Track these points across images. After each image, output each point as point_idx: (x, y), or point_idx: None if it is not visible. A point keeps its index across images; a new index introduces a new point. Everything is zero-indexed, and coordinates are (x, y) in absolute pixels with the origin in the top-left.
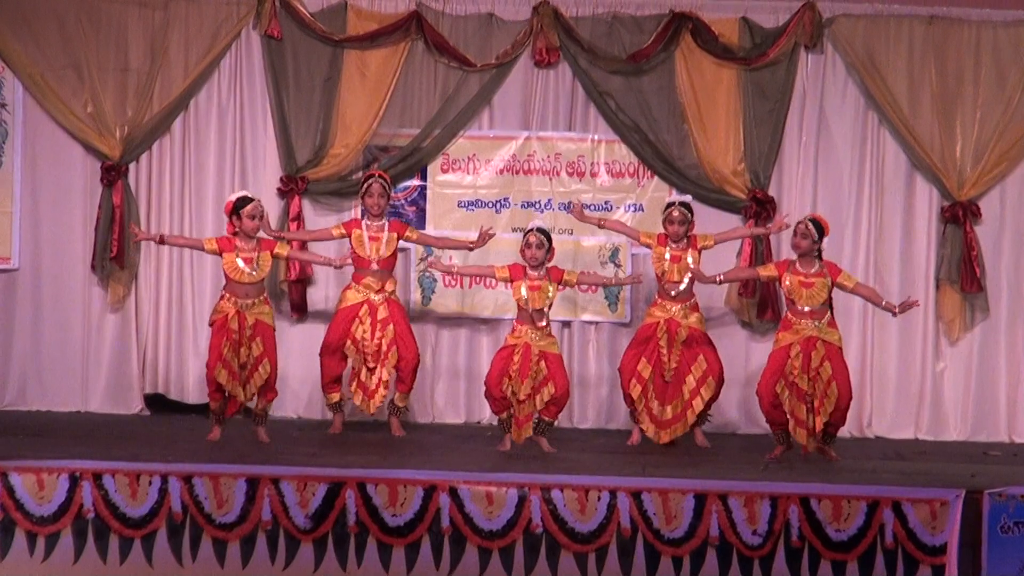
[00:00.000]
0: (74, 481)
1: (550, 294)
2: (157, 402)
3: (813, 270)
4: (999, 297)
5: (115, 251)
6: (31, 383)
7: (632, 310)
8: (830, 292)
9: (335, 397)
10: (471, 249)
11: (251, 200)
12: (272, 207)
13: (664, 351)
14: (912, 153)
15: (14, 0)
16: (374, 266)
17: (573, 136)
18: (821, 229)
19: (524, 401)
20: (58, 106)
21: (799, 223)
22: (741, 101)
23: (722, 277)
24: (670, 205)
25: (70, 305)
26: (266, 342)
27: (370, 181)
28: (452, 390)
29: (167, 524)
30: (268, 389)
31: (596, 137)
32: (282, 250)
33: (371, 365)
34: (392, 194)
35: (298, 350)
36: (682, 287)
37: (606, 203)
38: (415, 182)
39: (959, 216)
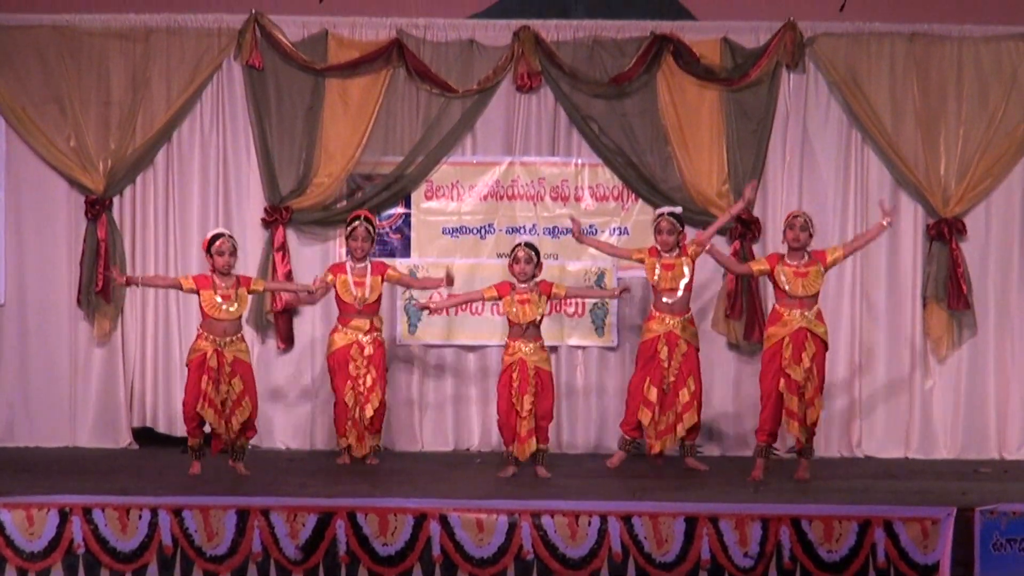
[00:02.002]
0: (64, 516)
1: (541, 307)
2: (145, 435)
3: (803, 261)
4: (986, 314)
5: (100, 285)
6: (19, 419)
7: (619, 334)
8: (822, 279)
9: (345, 442)
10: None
11: (220, 236)
12: (257, 237)
13: (665, 363)
14: (896, 171)
15: None
16: (358, 307)
17: (556, 160)
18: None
19: (526, 417)
20: (41, 140)
21: (796, 217)
22: (724, 122)
23: (712, 250)
24: (659, 216)
25: (56, 340)
26: (246, 380)
27: (355, 224)
28: (439, 418)
29: (158, 557)
30: (249, 427)
31: (580, 161)
32: (258, 285)
33: (359, 400)
34: (376, 235)
35: (284, 381)
36: (678, 294)
37: (591, 227)
38: (399, 210)
39: (944, 233)
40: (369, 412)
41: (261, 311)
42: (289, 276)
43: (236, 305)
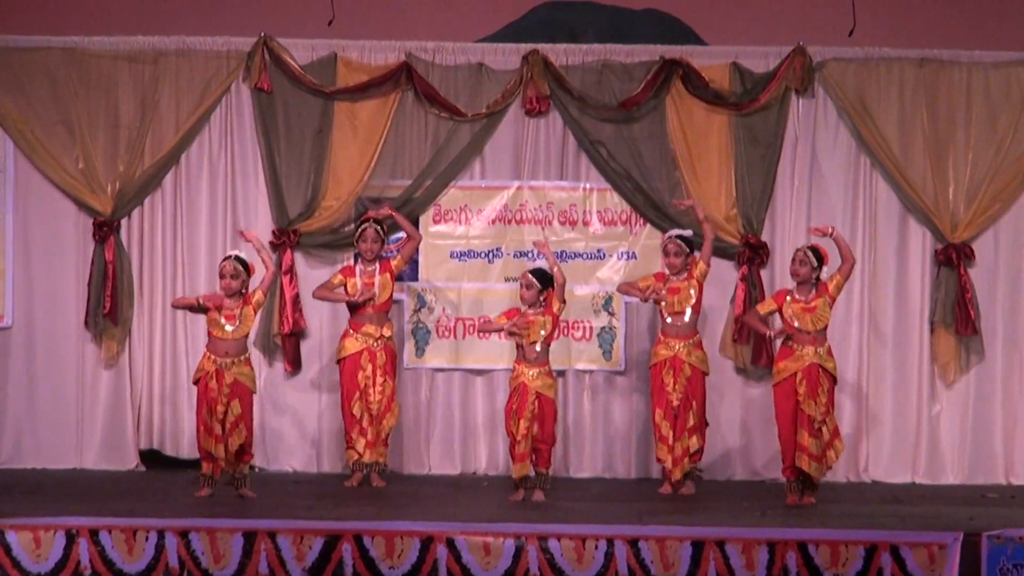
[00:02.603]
0: (71, 538)
1: (543, 329)
2: (152, 458)
3: (810, 295)
4: (994, 339)
5: (108, 307)
6: (26, 441)
7: (627, 359)
8: (830, 309)
9: (354, 456)
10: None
11: (227, 258)
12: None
13: (670, 388)
14: (904, 196)
15: (4, 57)
16: (369, 310)
17: (565, 185)
18: (820, 257)
19: (520, 440)
20: (49, 162)
21: (797, 251)
22: (733, 146)
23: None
24: (668, 238)
25: (64, 362)
26: (243, 405)
27: (364, 226)
28: (447, 441)
29: None
30: (244, 452)
31: (588, 185)
32: (259, 297)
33: (375, 412)
34: (385, 237)
35: (293, 404)
36: (685, 318)
37: (599, 251)
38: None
39: (953, 258)
40: (392, 422)
41: (268, 334)
42: (296, 299)
43: (238, 324)
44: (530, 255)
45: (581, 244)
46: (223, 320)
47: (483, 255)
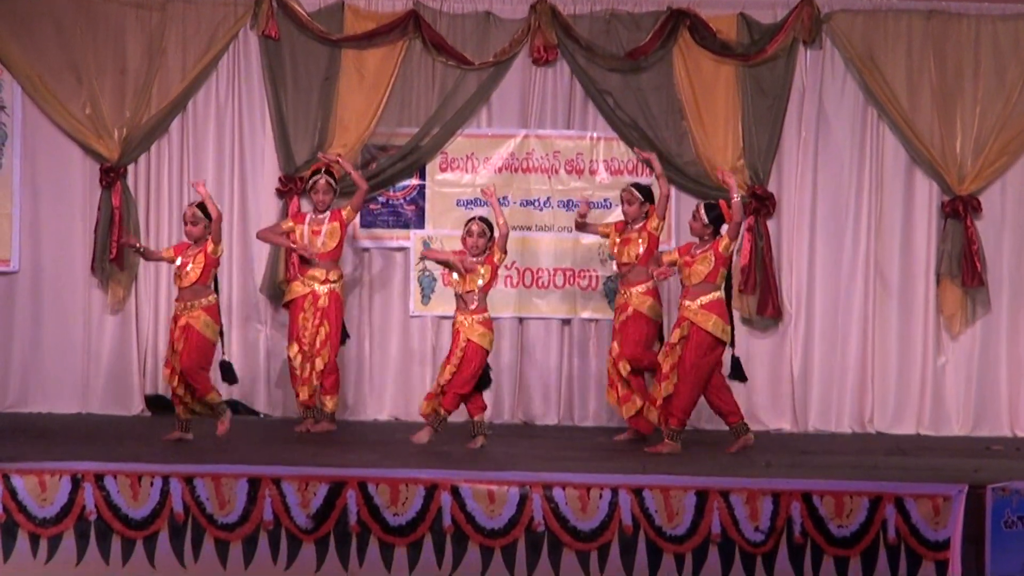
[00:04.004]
0: (76, 483)
1: (481, 278)
2: (158, 403)
3: (699, 251)
4: (1000, 291)
5: (115, 253)
6: (32, 385)
7: None
8: (718, 265)
9: (302, 397)
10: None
11: (189, 205)
12: (271, 207)
13: (617, 331)
14: (912, 148)
15: (12, 2)
16: (315, 260)
17: (572, 134)
18: (717, 214)
19: (448, 387)
20: (56, 108)
21: (697, 207)
22: (740, 97)
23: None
24: (624, 187)
25: (70, 307)
26: (187, 344)
27: (316, 177)
28: None
29: (169, 525)
30: (194, 393)
31: (595, 135)
32: (211, 246)
33: (309, 352)
34: (337, 188)
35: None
36: (629, 272)
37: (605, 200)
38: (414, 181)
39: (959, 211)
40: (319, 365)
41: (274, 281)
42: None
43: (190, 268)
44: (537, 203)
45: (588, 193)
46: (180, 264)
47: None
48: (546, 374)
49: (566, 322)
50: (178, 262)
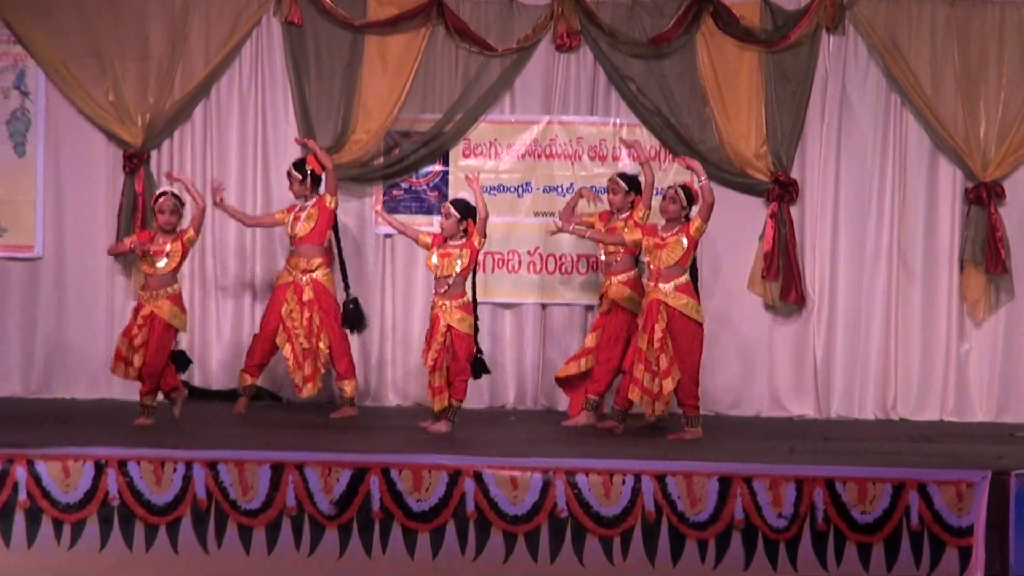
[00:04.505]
0: (99, 469)
1: (458, 263)
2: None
3: (669, 233)
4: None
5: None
6: (56, 371)
7: None
8: (690, 248)
9: (248, 379)
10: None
11: (164, 194)
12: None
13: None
14: (935, 135)
15: None
16: (297, 244)
17: (594, 120)
18: (691, 197)
19: (434, 371)
20: (80, 94)
21: (668, 188)
22: (763, 84)
23: (575, 230)
24: (610, 177)
25: (94, 293)
26: (152, 336)
27: (288, 170)
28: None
29: (192, 511)
30: (143, 380)
31: (617, 121)
32: (191, 234)
33: (306, 346)
34: (310, 177)
35: None
36: (614, 262)
37: None
38: (437, 167)
39: (983, 197)
40: (324, 348)
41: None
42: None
43: (164, 261)
44: (559, 189)
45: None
46: (152, 256)
47: (512, 189)
48: None
49: (589, 308)
50: (152, 257)
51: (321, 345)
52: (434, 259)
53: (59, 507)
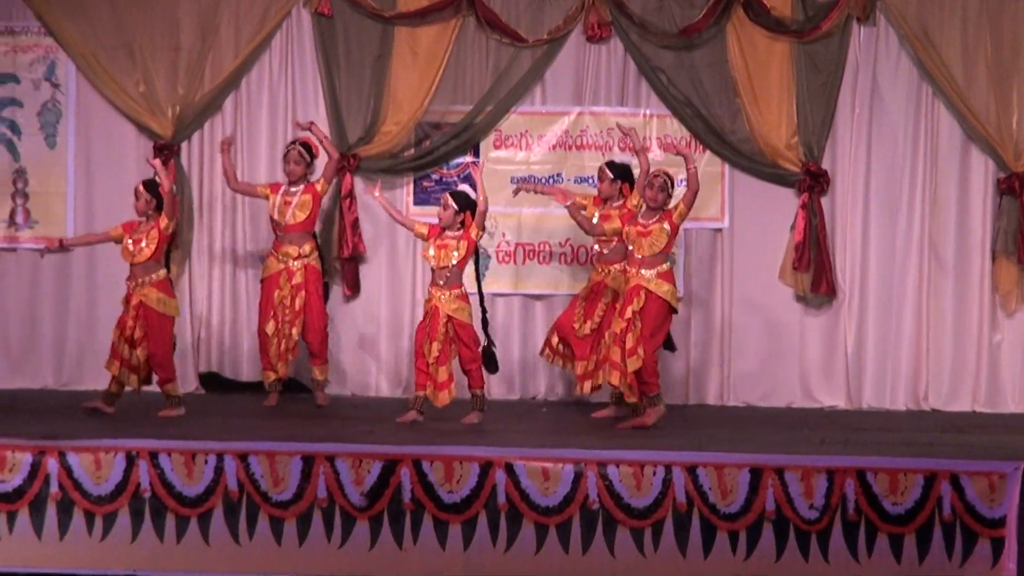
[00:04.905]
0: (130, 460)
1: (455, 254)
2: (211, 380)
3: (652, 220)
4: None
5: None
6: (87, 363)
7: (685, 284)
8: (672, 236)
9: (272, 375)
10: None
11: (142, 182)
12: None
13: (599, 309)
14: (967, 125)
15: None
16: (287, 231)
17: (625, 111)
18: (673, 184)
19: (441, 363)
20: (110, 86)
21: (656, 176)
22: (794, 74)
23: (571, 210)
24: (600, 166)
25: (124, 284)
26: (149, 327)
27: (288, 148)
28: (506, 366)
29: (223, 502)
30: (155, 371)
31: (648, 112)
32: (165, 222)
33: (285, 329)
34: (310, 160)
35: (351, 328)
36: (607, 251)
37: None
38: (467, 158)
39: (1015, 188)
40: (295, 335)
41: (328, 257)
42: (356, 224)
43: (144, 245)
44: (591, 180)
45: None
46: (131, 245)
47: (543, 180)
48: None
49: None
50: (129, 244)
51: (294, 327)
52: (431, 250)
53: (91, 499)
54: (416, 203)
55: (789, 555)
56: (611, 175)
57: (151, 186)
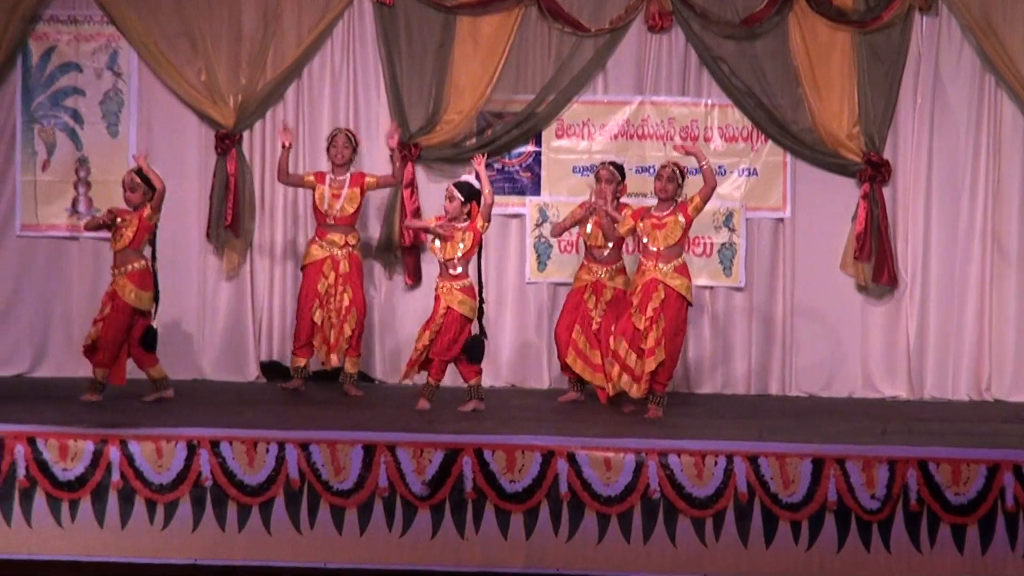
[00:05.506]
0: (192, 449)
1: (461, 246)
2: (273, 369)
3: (666, 213)
4: None
5: (230, 219)
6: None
7: (747, 274)
8: (687, 229)
9: (300, 360)
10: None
11: (128, 172)
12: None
13: (592, 310)
14: None
15: None
16: (330, 220)
17: (686, 101)
18: (683, 175)
19: (421, 349)
20: (172, 75)
21: (664, 167)
22: (855, 64)
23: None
24: (601, 165)
25: (186, 273)
26: (113, 310)
27: (334, 133)
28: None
29: (284, 491)
30: (95, 351)
31: (709, 101)
32: (148, 212)
33: (335, 320)
34: (356, 145)
35: (411, 317)
36: (606, 252)
37: (720, 167)
38: (529, 148)
39: None
40: (347, 332)
41: (390, 247)
42: (417, 213)
43: (125, 231)
44: (651, 170)
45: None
46: (117, 235)
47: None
48: None
49: None
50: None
51: (347, 323)
52: (436, 242)
53: (152, 488)
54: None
55: (851, 545)
56: (618, 177)
57: (144, 178)
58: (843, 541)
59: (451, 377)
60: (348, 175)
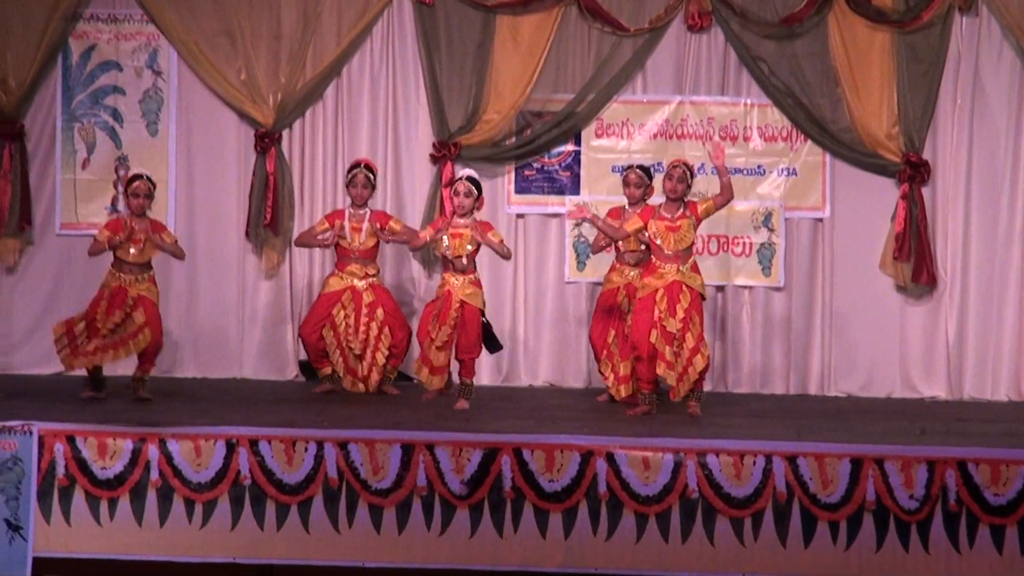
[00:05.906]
0: (230, 448)
1: (470, 243)
2: (311, 369)
3: (677, 214)
4: None
5: (269, 218)
6: (186, 350)
7: (786, 274)
8: (696, 229)
9: (328, 370)
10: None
11: (139, 178)
12: (425, 173)
13: (627, 313)
14: None
15: None
16: (354, 253)
17: (726, 100)
18: (693, 175)
19: (442, 349)
20: (212, 73)
21: (675, 167)
22: (895, 64)
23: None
24: (628, 168)
25: (225, 272)
26: (148, 313)
27: (355, 171)
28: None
29: (323, 490)
30: (147, 359)
31: (749, 101)
32: (168, 237)
33: (357, 351)
34: (374, 184)
35: None
36: (639, 255)
37: (759, 167)
38: (569, 147)
39: None
40: (380, 360)
41: (428, 247)
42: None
43: (143, 248)
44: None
45: (741, 160)
46: (133, 248)
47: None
48: None
49: (720, 288)
50: (131, 248)
51: (379, 352)
52: (446, 240)
53: (191, 486)
54: (517, 191)
55: (889, 545)
56: (647, 180)
57: (153, 183)
58: (881, 541)
59: (488, 375)
60: (368, 210)
